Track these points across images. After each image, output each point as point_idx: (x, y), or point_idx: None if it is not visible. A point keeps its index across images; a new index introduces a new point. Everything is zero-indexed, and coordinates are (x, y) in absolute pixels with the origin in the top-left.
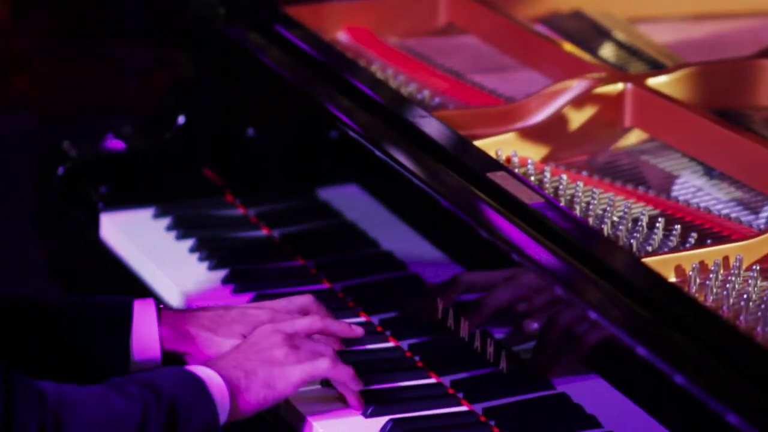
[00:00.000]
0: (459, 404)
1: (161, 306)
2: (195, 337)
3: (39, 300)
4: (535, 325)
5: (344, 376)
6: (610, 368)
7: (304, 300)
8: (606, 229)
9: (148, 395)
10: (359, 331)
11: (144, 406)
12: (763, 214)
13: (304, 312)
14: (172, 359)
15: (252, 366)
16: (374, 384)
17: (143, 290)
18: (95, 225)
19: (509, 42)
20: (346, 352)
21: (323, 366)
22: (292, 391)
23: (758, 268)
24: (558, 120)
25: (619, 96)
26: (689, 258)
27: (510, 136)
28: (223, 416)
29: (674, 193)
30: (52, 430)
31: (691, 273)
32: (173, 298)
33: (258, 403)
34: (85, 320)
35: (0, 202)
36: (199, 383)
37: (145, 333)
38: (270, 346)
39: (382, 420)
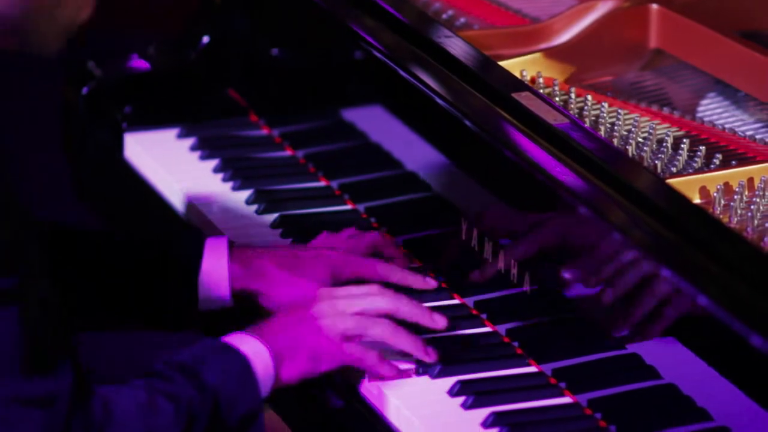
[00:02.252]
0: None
1: (234, 243)
2: (267, 275)
3: (109, 233)
4: (569, 275)
5: (387, 376)
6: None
7: (373, 238)
8: (631, 149)
9: (194, 394)
10: (441, 322)
11: (188, 409)
12: None
13: (374, 250)
14: (243, 297)
15: (301, 334)
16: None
17: (167, 210)
18: (119, 145)
19: None
20: None
21: (371, 362)
22: (335, 368)
23: None
24: (583, 40)
25: (645, 16)
26: (714, 179)
27: (535, 57)
28: (265, 392)
29: (699, 114)
30: None
31: (715, 194)
32: (197, 218)
33: (300, 375)
34: (156, 255)
35: (26, 123)
36: (243, 364)
37: (215, 271)
38: (321, 316)
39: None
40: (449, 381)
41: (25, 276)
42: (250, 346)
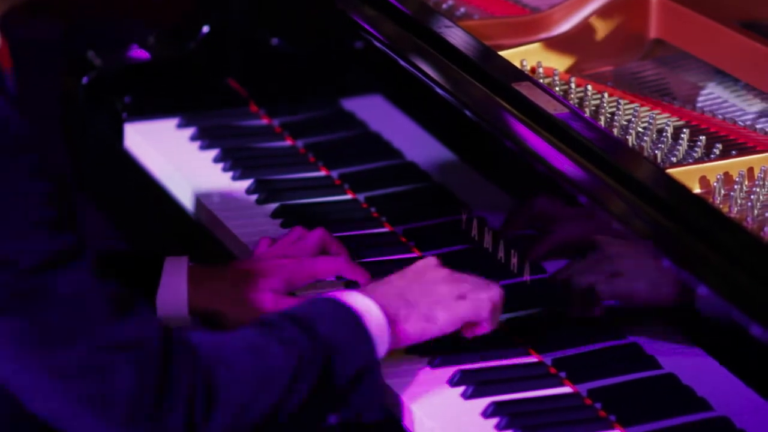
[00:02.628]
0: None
1: (191, 264)
2: (224, 295)
3: None
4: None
5: (494, 321)
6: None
7: (319, 236)
8: (631, 139)
9: (304, 341)
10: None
11: (300, 354)
12: None
13: (321, 248)
14: (202, 317)
15: (414, 297)
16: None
17: (167, 200)
18: (119, 135)
19: None
20: None
21: (483, 303)
22: (452, 328)
23: None
24: (584, 30)
25: (645, 6)
26: (714, 169)
27: (535, 47)
28: (381, 351)
29: (699, 104)
30: (203, 389)
31: (715, 184)
32: (196, 208)
33: (417, 335)
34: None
35: (25, 113)
36: (356, 319)
37: (173, 291)
38: (433, 280)
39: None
40: (449, 370)
41: (82, 233)
42: (364, 304)
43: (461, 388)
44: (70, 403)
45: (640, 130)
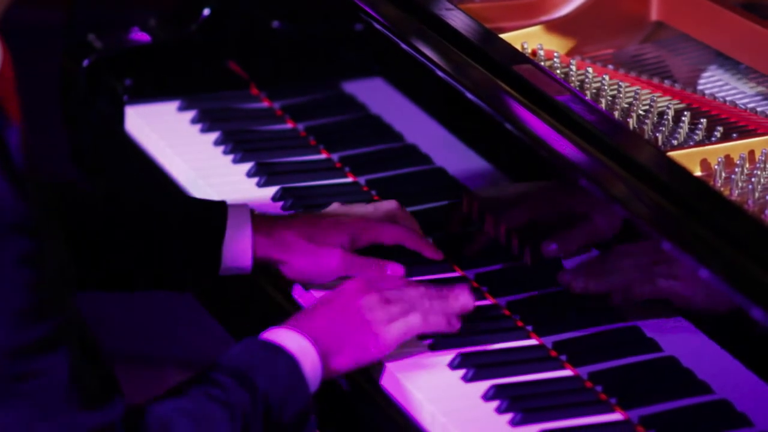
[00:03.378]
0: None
1: (255, 212)
2: (289, 244)
3: (135, 196)
4: (553, 246)
5: (439, 327)
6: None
7: (390, 206)
8: (632, 122)
9: (246, 400)
10: (468, 303)
11: (242, 414)
12: None
13: (391, 218)
14: (264, 265)
15: (344, 329)
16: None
17: (168, 183)
18: (120, 118)
19: None
20: None
21: (415, 322)
22: (386, 352)
23: None
24: (584, 13)
25: None
26: (715, 152)
27: (536, 29)
28: (314, 387)
29: (700, 87)
30: None
31: (716, 167)
32: (198, 191)
33: (350, 365)
34: (179, 222)
35: (26, 96)
36: (292, 367)
37: (238, 240)
38: (362, 307)
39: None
40: (449, 354)
41: (67, 318)
42: (297, 343)
43: (461, 371)
44: None
45: (641, 113)
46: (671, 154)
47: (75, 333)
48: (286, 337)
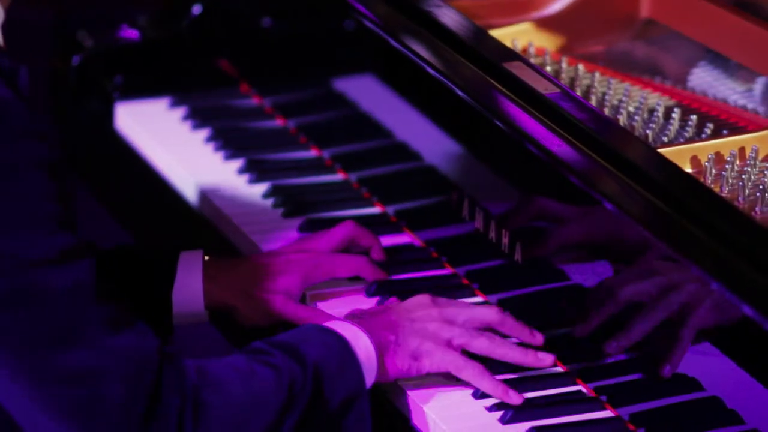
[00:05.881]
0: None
1: (206, 257)
2: (236, 291)
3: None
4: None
5: (490, 390)
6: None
7: (346, 230)
8: (622, 119)
9: (294, 366)
10: (540, 338)
11: (290, 379)
12: None
13: (349, 241)
14: (217, 312)
15: (404, 332)
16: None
17: (157, 180)
18: (110, 115)
19: None
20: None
21: (471, 373)
22: (434, 371)
23: None
24: (575, 10)
25: None
26: (705, 149)
27: (526, 26)
28: (369, 380)
29: (690, 84)
30: (192, 412)
31: (706, 164)
32: (188, 188)
33: (403, 370)
34: (128, 269)
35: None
36: (344, 346)
37: (189, 286)
38: (425, 318)
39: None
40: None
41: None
42: (351, 331)
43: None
44: (54, 411)
45: (631, 109)
46: (661, 150)
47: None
48: (340, 325)
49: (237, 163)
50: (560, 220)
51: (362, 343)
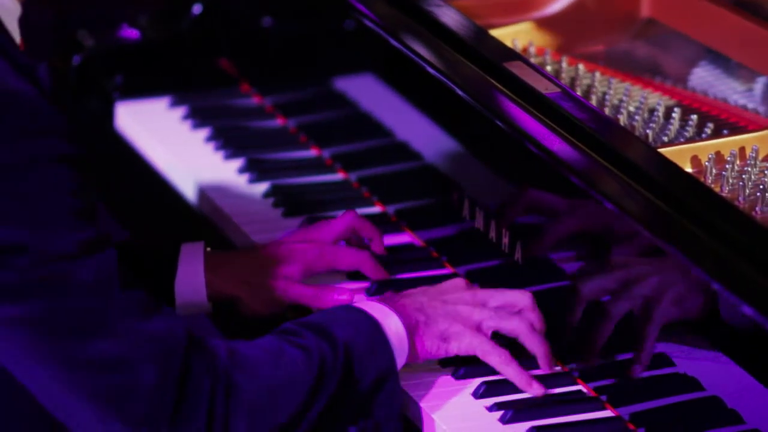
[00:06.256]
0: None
1: (208, 249)
2: (242, 280)
3: None
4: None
5: (514, 378)
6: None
7: (347, 220)
8: (622, 119)
9: (324, 347)
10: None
11: (320, 360)
12: None
13: (351, 232)
14: (221, 302)
15: (434, 313)
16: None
17: (157, 179)
18: (110, 115)
19: None
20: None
21: (498, 359)
22: (462, 353)
23: None
24: (575, 10)
25: None
26: (705, 148)
27: (527, 26)
28: (400, 361)
29: (691, 83)
30: (224, 394)
31: (707, 163)
32: (188, 187)
33: (433, 351)
34: (130, 262)
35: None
36: (374, 326)
37: (191, 277)
38: (457, 301)
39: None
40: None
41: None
42: (381, 312)
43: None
44: (85, 398)
45: (631, 109)
46: (662, 150)
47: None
48: (369, 306)
49: (237, 163)
50: (554, 212)
51: (393, 324)
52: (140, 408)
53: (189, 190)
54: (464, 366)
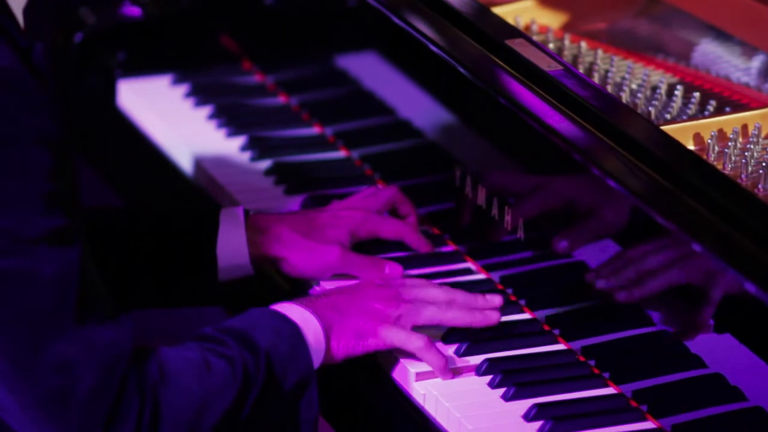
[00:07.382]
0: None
1: (249, 211)
2: (285, 241)
3: (126, 210)
4: (564, 243)
5: (433, 363)
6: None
7: (389, 193)
8: (625, 96)
9: (247, 356)
10: (494, 317)
11: (244, 370)
12: None
13: (390, 207)
14: (263, 264)
15: (348, 310)
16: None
17: (160, 157)
18: (112, 92)
19: None
20: None
21: (416, 345)
22: (380, 348)
23: None
24: None
25: None
26: (708, 126)
27: (529, 3)
28: (317, 361)
29: (693, 61)
30: (151, 412)
31: (709, 141)
32: (190, 164)
33: (346, 351)
34: (171, 232)
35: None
36: (294, 330)
37: (233, 239)
38: (371, 297)
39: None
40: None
41: (78, 221)
42: (299, 314)
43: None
44: (27, 399)
45: (634, 87)
46: (664, 128)
47: (87, 246)
48: (288, 308)
49: (239, 141)
50: (555, 190)
51: (311, 326)
52: (74, 416)
53: (191, 168)
54: (467, 341)
